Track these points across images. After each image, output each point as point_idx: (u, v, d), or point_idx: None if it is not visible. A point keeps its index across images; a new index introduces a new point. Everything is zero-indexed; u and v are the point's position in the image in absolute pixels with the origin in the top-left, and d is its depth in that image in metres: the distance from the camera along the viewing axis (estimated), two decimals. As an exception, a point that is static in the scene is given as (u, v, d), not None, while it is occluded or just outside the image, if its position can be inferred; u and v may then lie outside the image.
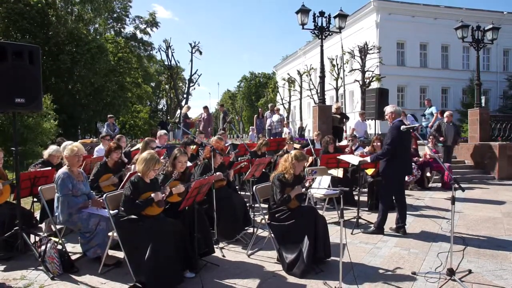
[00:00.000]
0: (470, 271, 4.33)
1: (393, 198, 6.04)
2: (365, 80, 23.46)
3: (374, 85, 23.53)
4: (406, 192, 9.66)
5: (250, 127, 21.86)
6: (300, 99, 36.19)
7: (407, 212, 7.40)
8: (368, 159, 6.23)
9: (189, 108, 15.92)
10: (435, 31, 28.32)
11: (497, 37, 13.78)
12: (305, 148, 9.71)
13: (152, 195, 4.09)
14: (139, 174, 4.26)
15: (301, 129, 24.45)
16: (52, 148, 6.52)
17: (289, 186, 4.63)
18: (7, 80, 4.44)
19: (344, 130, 14.54)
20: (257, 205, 5.34)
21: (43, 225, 5.71)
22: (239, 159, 8.19)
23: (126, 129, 37.82)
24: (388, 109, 6.05)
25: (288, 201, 4.55)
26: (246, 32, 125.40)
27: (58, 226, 4.89)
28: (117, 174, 5.92)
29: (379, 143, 8.06)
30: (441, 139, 11.18)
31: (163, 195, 4.20)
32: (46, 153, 6.42)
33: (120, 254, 4.41)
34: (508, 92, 28.63)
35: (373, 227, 5.98)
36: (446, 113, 12.13)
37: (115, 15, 39.13)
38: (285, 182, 4.63)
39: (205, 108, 15.22)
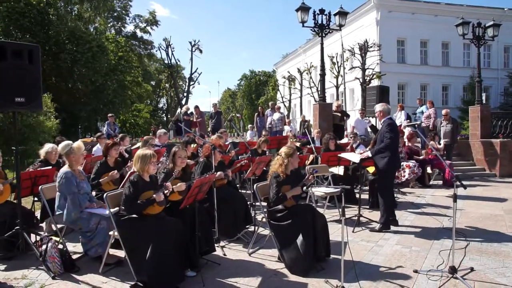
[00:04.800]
0: (472, 269, 4.31)
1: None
2: (366, 78, 23.39)
3: (375, 82, 23.47)
4: (408, 190, 9.73)
5: (249, 125, 21.74)
6: (301, 97, 36.12)
7: (408, 210, 7.47)
8: (369, 153, 6.21)
9: (188, 108, 15.90)
10: (436, 28, 28.23)
11: (498, 34, 13.73)
12: (307, 146, 9.70)
13: (154, 195, 4.08)
14: (137, 173, 4.25)
15: (305, 123, 18.48)
16: (48, 145, 6.49)
17: (286, 184, 4.63)
18: (7, 80, 4.43)
19: (345, 128, 14.51)
20: (258, 203, 5.33)
21: (44, 225, 5.71)
22: (239, 157, 8.18)
23: (126, 128, 37.81)
24: (377, 108, 6.24)
25: (283, 200, 4.54)
26: (246, 30, 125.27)
27: (59, 226, 4.88)
28: (118, 172, 5.91)
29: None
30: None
31: (166, 191, 4.20)
32: (42, 152, 6.37)
33: (121, 253, 4.40)
34: (509, 89, 28.55)
35: (380, 225, 5.94)
36: (443, 112, 12.12)
37: (115, 14, 39.08)
38: (281, 181, 4.62)
39: (196, 108, 15.18)
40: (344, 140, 11.73)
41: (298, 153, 8.85)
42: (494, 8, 29.37)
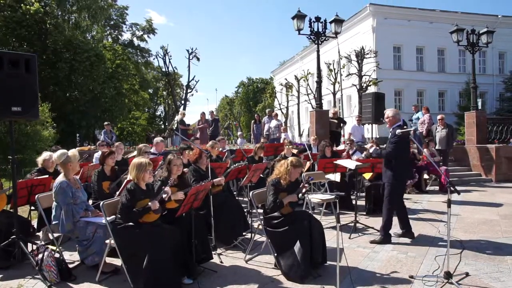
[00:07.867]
0: (467, 274, 4.34)
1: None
2: (362, 85, 23.50)
3: (371, 89, 23.58)
4: (405, 195, 9.70)
5: (238, 133, 21.94)
6: (298, 104, 36.20)
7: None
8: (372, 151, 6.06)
9: (184, 114, 15.87)
10: (431, 34, 28.43)
11: (491, 40, 13.88)
12: (304, 153, 9.72)
13: (150, 204, 4.10)
14: (134, 181, 4.27)
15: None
16: (45, 153, 6.53)
17: (284, 192, 4.63)
18: (3, 89, 4.47)
19: (342, 134, 14.56)
20: (254, 210, 5.35)
21: (40, 234, 5.70)
22: (235, 164, 8.19)
23: (124, 135, 37.79)
24: (388, 113, 5.91)
25: (280, 207, 4.55)
26: (243, 37, 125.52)
27: (55, 234, 4.88)
28: (115, 181, 5.92)
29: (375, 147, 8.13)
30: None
31: (165, 195, 4.21)
32: (40, 160, 6.41)
33: (118, 262, 4.41)
34: (505, 95, 28.71)
35: (380, 236, 5.72)
36: (438, 117, 12.21)
37: (112, 22, 39.18)
38: (279, 188, 4.63)
39: (202, 114, 15.13)
40: (341, 147, 11.77)
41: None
42: (488, 15, 29.61)
